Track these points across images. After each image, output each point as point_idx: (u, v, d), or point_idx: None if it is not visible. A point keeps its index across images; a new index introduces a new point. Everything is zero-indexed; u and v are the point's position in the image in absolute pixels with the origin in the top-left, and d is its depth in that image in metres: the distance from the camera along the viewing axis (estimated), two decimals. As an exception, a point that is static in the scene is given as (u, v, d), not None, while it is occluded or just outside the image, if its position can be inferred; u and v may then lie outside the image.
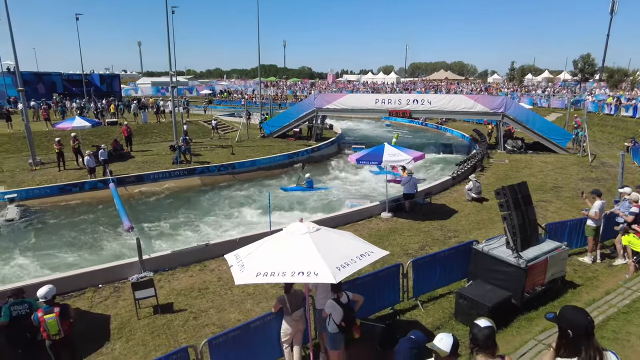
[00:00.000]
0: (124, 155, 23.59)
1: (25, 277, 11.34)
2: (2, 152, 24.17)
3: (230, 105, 56.34)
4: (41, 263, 12.76)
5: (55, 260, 12.97)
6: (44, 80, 50.10)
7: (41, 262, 12.86)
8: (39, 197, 18.15)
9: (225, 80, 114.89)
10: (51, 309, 6.15)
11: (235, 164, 22.91)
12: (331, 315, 5.86)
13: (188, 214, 17.21)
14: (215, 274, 10.20)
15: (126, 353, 7.37)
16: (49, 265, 12.58)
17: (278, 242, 5.56)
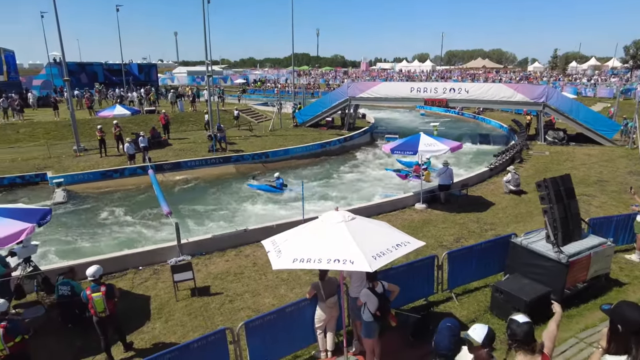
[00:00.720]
0: (161, 143, 24.34)
1: (71, 255, 11.99)
2: (50, 139, 25.47)
3: (263, 95, 56.84)
4: (86, 244, 13.47)
5: (98, 242, 13.64)
6: (86, 70, 52.10)
7: (86, 243, 13.57)
8: (83, 182, 19.08)
9: (258, 69, 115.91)
10: (98, 288, 6.50)
11: (269, 153, 23.19)
12: (366, 304, 5.88)
13: (223, 201, 17.62)
14: (250, 259, 10.44)
15: (165, 332, 7.69)
16: (93, 246, 13.27)
17: (314, 229, 5.61)
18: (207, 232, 13.43)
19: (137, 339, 7.49)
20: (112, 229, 14.68)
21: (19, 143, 25.09)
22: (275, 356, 6.45)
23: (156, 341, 7.47)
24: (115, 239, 13.94)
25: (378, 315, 5.85)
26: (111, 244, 13.46)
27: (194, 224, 15.00)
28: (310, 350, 6.88)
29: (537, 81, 56.81)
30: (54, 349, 7.33)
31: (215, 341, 5.78)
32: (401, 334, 7.15)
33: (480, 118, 40.12)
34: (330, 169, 22.89)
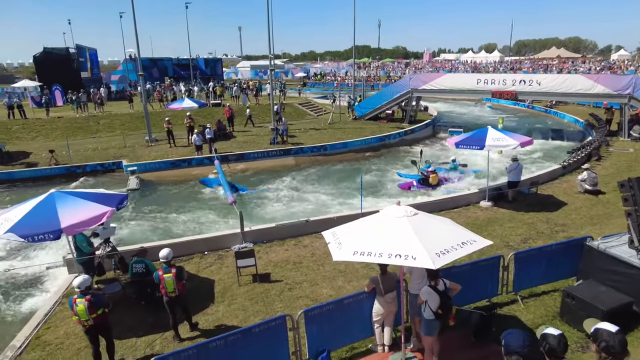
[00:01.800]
0: (226, 135, 25.35)
1: (143, 238, 12.90)
2: (125, 129, 27.49)
3: (323, 88, 57.16)
4: (156, 228, 14.42)
5: (167, 227, 14.54)
6: (157, 65, 55.39)
7: (156, 227, 14.52)
8: (154, 171, 20.41)
9: (318, 62, 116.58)
10: (169, 270, 6.96)
11: (327, 146, 23.33)
12: (427, 301, 5.77)
13: (280, 192, 18.01)
14: (309, 250, 10.62)
15: (228, 316, 8.07)
16: (163, 230, 14.17)
17: (375, 223, 5.58)
18: (268, 222, 13.86)
19: (202, 320, 7.93)
20: (180, 215, 15.57)
21: (99, 133, 27.36)
22: (332, 345, 6.54)
23: (219, 323, 7.87)
24: (183, 223, 14.79)
25: (439, 313, 5.71)
26: (179, 229, 14.30)
27: (255, 213, 15.51)
28: (367, 343, 6.90)
29: (621, 71, 51.84)
30: (128, 323, 7.97)
31: (276, 327, 5.97)
32: (462, 333, 6.95)
33: (553, 112, 37.42)
34: (388, 163, 22.56)
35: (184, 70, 55.42)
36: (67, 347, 7.49)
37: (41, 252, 12.66)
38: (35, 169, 20.78)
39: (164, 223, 14.88)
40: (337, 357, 6.68)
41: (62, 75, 39.35)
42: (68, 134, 25.34)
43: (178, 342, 7.26)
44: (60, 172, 20.49)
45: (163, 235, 13.76)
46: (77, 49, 45.07)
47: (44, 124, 28.32)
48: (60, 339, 7.71)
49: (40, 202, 7.38)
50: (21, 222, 6.93)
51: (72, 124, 28.50)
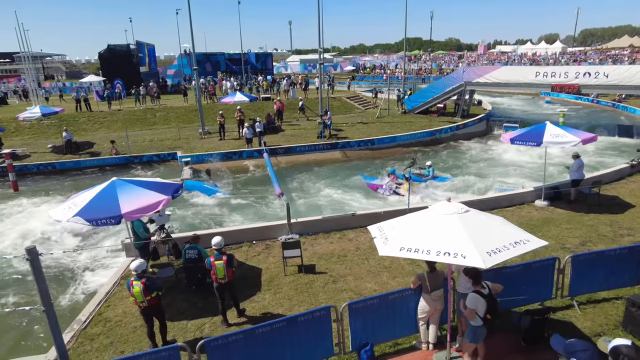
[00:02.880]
0: (275, 128, 25.78)
1: (194, 226, 13.45)
2: (180, 122, 28.71)
3: (372, 81, 56.54)
4: (208, 216, 14.98)
5: (219, 216, 15.07)
6: (210, 60, 57.24)
7: (208, 215, 15.09)
8: (206, 162, 21.19)
9: (368, 55, 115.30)
10: (220, 257, 7.24)
11: (375, 140, 23.11)
12: (476, 309, 5.58)
13: (329, 185, 18.09)
14: (354, 244, 10.61)
15: (274, 304, 8.26)
16: (214, 219, 14.70)
17: (424, 219, 5.47)
18: (313, 214, 13.99)
19: (248, 307, 8.17)
20: (231, 205, 16.09)
21: (156, 125, 28.76)
22: (375, 340, 6.52)
23: (265, 311, 8.07)
24: (233, 211, 15.26)
25: (489, 318, 5.53)
26: (229, 218, 14.78)
27: (301, 205, 15.70)
28: (411, 340, 6.81)
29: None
30: (180, 306, 8.37)
31: (320, 317, 6.05)
32: (511, 336, 6.69)
33: (622, 107, 34.70)
34: (439, 158, 21.98)
35: (235, 65, 56.91)
36: (124, 324, 8.01)
37: (102, 236, 13.59)
38: (98, 158, 22.31)
39: (215, 212, 15.44)
40: (380, 352, 6.65)
41: (123, 70, 41.68)
42: (127, 126, 26.89)
43: (226, 327, 7.54)
44: (120, 162, 21.85)
45: (212, 223, 14.31)
46: (137, 45, 47.51)
47: (106, 116, 30.22)
48: (119, 317, 8.25)
49: (103, 189, 7.89)
50: (86, 207, 7.45)
51: (131, 116, 30.19)
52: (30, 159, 22.47)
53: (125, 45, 46.47)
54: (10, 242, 13.51)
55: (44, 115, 25.65)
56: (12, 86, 54.98)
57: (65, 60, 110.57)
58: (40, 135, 27.08)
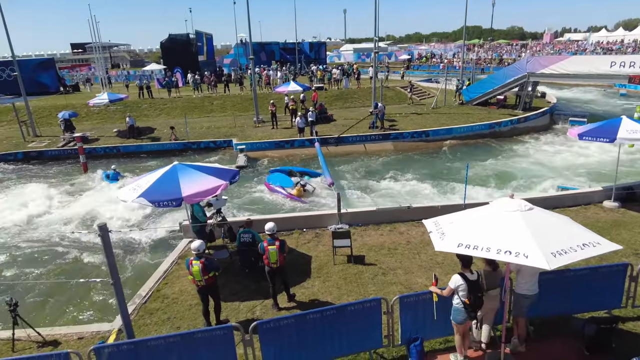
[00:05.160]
0: (327, 118, 25.78)
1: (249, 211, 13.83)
2: (236, 110, 29.50)
3: (427, 70, 54.93)
4: (260, 203, 15.35)
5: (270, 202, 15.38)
6: (265, 50, 58.04)
7: (260, 202, 15.46)
8: (260, 150, 21.69)
9: (424, 44, 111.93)
10: (273, 242, 7.41)
11: (429, 132, 22.48)
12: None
13: (381, 176, 17.89)
14: (404, 237, 10.44)
15: (323, 292, 8.34)
16: (266, 206, 15.03)
17: (484, 215, 5.26)
18: (362, 205, 13.94)
19: (298, 292, 8.32)
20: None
21: (213, 113, 29.75)
22: (425, 335, 6.40)
23: (314, 297, 8.18)
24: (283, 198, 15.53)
25: (467, 304, 5.67)
26: (279, 206, 15.05)
27: (351, 196, 15.64)
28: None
29: None
30: (233, 288, 8.68)
31: (371, 308, 6.03)
32: (572, 343, 6.32)
33: None
34: (495, 152, 21.03)
35: (289, 54, 57.39)
36: (181, 302, 8.44)
37: (161, 218, 14.34)
38: (158, 143, 23.56)
39: (267, 198, 15.79)
40: (430, 347, 6.54)
41: (183, 59, 43.40)
42: (186, 113, 28.04)
43: (276, 311, 7.74)
44: (179, 147, 22.91)
45: (264, 209, 14.66)
46: (196, 35, 49.16)
47: (166, 103, 31.68)
48: (176, 295, 8.70)
49: (165, 172, 8.31)
50: (150, 189, 7.89)
51: (189, 104, 31.44)
52: (98, 142, 24.14)
53: (185, 35, 48.27)
54: (80, 219, 14.61)
55: (111, 101, 27.42)
56: (83, 74, 59.07)
57: (129, 49, 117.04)
58: (107, 120, 28.97)
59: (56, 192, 17.27)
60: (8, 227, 14.16)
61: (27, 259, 12.07)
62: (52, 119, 28.08)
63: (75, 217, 14.77)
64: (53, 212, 15.34)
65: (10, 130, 27.24)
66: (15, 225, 14.33)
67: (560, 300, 6.59)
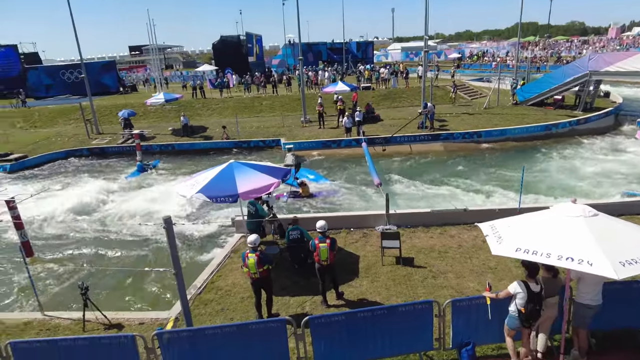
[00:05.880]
0: (375, 118, 25.66)
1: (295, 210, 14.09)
2: (284, 110, 30.04)
3: (479, 69, 53.13)
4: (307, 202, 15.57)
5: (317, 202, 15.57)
6: (312, 50, 58.59)
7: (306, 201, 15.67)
8: (307, 149, 22.01)
9: (475, 42, 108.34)
10: (324, 240, 7.54)
11: (482, 132, 21.80)
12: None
13: (429, 178, 17.60)
14: (456, 240, 10.24)
15: (371, 291, 8.37)
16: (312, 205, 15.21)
17: (544, 220, 5.10)
18: (410, 206, 13.79)
19: (346, 291, 8.40)
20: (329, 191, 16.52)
21: (262, 113, 30.47)
22: (477, 340, 6.28)
23: (362, 297, 8.23)
24: (330, 198, 15.65)
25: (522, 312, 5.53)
26: (327, 205, 15.21)
27: (398, 197, 15.51)
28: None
29: None
30: (283, 282, 8.90)
31: (422, 310, 6.00)
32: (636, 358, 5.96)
33: None
34: (552, 155, 20.01)
35: (336, 54, 57.58)
36: (233, 294, 8.78)
37: (213, 213, 14.90)
38: (211, 141, 24.50)
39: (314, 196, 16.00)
40: (482, 353, 6.40)
41: (234, 60, 44.75)
42: (237, 112, 28.90)
43: (325, 307, 7.87)
44: (230, 146, 23.71)
45: (310, 209, 14.85)
46: (247, 36, 50.50)
47: (218, 103, 32.80)
48: (229, 287, 9.05)
49: (222, 169, 8.68)
50: (208, 185, 8.28)
51: (240, 104, 32.37)
52: (154, 140, 25.48)
53: (236, 37, 49.75)
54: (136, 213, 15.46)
55: (166, 101, 28.84)
56: (140, 75, 62.37)
57: (182, 51, 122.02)
58: (163, 118, 30.47)
59: (116, 186, 18.48)
60: (77, 219, 15.28)
61: (94, 248, 12.99)
62: (113, 117, 29.96)
63: (132, 211, 15.62)
64: (114, 205, 16.39)
65: (76, 128, 29.35)
66: (82, 216, 15.45)
67: (626, 313, 6.23)
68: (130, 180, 19.53)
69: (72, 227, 14.61)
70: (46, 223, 14.84)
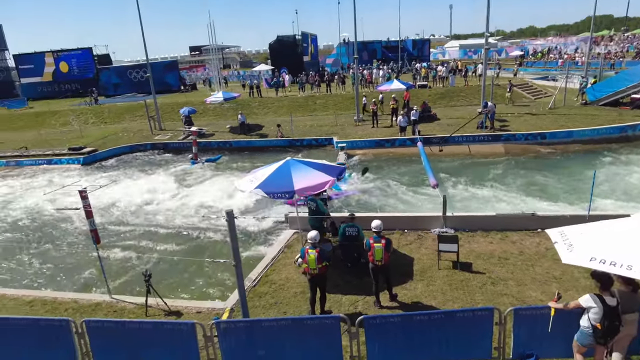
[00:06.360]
0: (431, 117, 25.02)
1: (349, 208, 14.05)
2: (337, 109, 30.08)
3: (543, 67, 50.17)
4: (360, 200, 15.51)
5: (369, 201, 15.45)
6: (367, 48, 58.10)
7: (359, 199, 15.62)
8: (360, 148, 21.91)
9: (539, 38, 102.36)
10: (379, 239, 7.47)
11: (546, 134, 20.55)
12: None
13: (488, 180, 16.89)
14: (517, 247, 9.75)
15: (427, 295, 8.17)
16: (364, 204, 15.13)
17: (624, 229, 4.72)
18: (467, 210, 13.30)
19: (400, 293, 8.26)
20: (382, 191, 16.36)
21: (316, 112, 30.73)
22: (541, 352, 5.94)
23: (417, 300, 8.06)
24: (384, 198, 15.47)
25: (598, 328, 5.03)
26: (380, 205, 15.05)
27: (454, 199, 15.00)
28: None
29: None
30: (335, 281, 8.88)
31: (481, 317, 5.78)
32: None
33: None
34: (627, 160, 18.43)
35: (391, 53, 56.80)
36: (287, 288, 8.93)
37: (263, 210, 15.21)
38: (266, 139, 25.10)
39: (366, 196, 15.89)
40: (545, 367, 6.04)
41: (289, 60, 45.49)
42: (291, 111, 29.37)
43: (378, 308, 7.78)
44: (284, 144, 24.16)
45: (365, 207, 14.77)
46: (302, 36, 51.12)
47: (274, 102, 33.49)
48: (283, 281, 9.22)
49: (279, 166, 8.86)
50: (266, 181, 8.49)
51: (294, 103, 32.86)
52: (213, 137, 26.52)
53: (291, 36, 50.52)
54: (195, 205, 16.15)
55: (225, 99, 29.88)
56: (199, 75, 65.09)
57: (239, 51, 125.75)
58: (221, 116, 31.63)
59: (177, 180, 19.47)
60: (141, 209, 16.25)
61: (156, 237, 13.75)
62: (174, 115, 31.52)
63: (190, 204, 16.34)
64: (175, 197, 17.26)
65: (141, 124, 31.23)
66: (145, 206, 16.41)
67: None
68: (191, 168, 20.83)
69: (136, 216, 15.57)
70: (113, 212, 15.95)
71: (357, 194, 15.42)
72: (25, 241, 14.21)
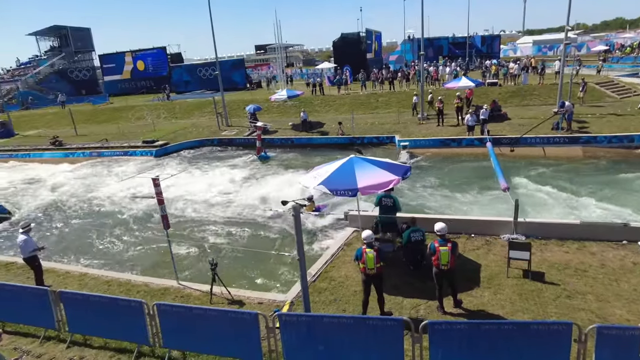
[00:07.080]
0: (502, 116, 23.72)
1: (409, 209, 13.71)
2: (400, 107, 29.44)
3: (633, 63, 45.61)
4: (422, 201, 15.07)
5: (433, 202, 14.99)
6: (433, 45, 56.26)
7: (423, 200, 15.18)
8: (423, 147, 21.32)
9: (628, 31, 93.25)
10: (445, 243, 7.20)
11: (634, 137, 18.65)
12: None
13: (563, 185, 15.67)
14: (597, 259, 8.95)
15: (494, 304, 7.75)
16: (429, 205, 14.68)
17: None
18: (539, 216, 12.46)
19: (465, 300, 7.91)
20: (443, 193, 15.81)
21: (377, 110, 30.34)
22: (627, 379, 5.38)
23: (483, 308, 7.68)
24: (448, 201, 14.92)
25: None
26: (442, 204, 14.53)
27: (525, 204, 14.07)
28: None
29: None
30: (394, 282, 8.71)
31: (558, 332, 5.35)
32: None
33: None
34: None
35: (458, 49, 54.62)
36: (346, 286, 8.90)
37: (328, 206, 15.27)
38: (327, 137, 25.23)
39: (430, 197, 15.43)
40: (632, 394, 5.47)
41: (352, 57, 45.26)
42: (353, 109, 29.24)
43: (441, 314, 7.52)
44: (344, 142, 24.13)
45: (427, 208, 14.34)
46: (366, 33, 50.63)
47: (335, 100, 33.54)
48: (342, 279, 9.20)
49: (342, 164, 8.83)
50: (329, 178, 8.50)
51: (356, 100, 32.70)
52: (276, 133, 27.15)
53: (355, 34, 50.17)
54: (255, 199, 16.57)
55: (289, 97, 30.44)
56: (264, 73, 66.82)
57: (302, 49, 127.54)
58: (284, 114, 32.26)
59: (243, 174, 20.19)
60: (208, 201, 17.03)
61: (222, 228, 14.33)
62: (240, 112, 32.64)
63: (252, 197, 16.79)
64: (240, 191, 17.89)
65: (209, 120, 32.78)
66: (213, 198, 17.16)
67: None
68: (255, 162, 22.10)
69: (205, 207, 16.34)
70: (182, 203, 16.88)
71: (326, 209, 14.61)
72: (102, 225, 15.47)
